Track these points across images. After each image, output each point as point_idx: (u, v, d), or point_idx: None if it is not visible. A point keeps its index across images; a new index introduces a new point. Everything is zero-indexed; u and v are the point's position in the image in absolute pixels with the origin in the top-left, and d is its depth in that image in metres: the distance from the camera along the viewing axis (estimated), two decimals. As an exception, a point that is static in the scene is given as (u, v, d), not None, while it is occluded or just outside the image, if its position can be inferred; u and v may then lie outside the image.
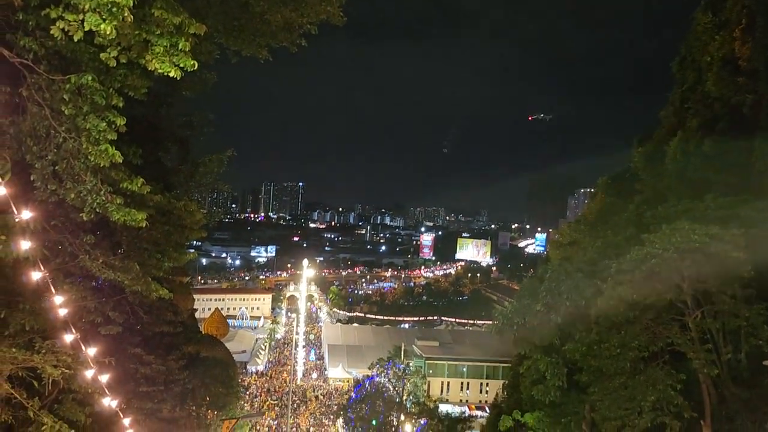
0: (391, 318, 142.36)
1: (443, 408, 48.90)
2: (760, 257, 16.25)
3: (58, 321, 11.33)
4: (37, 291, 11.20)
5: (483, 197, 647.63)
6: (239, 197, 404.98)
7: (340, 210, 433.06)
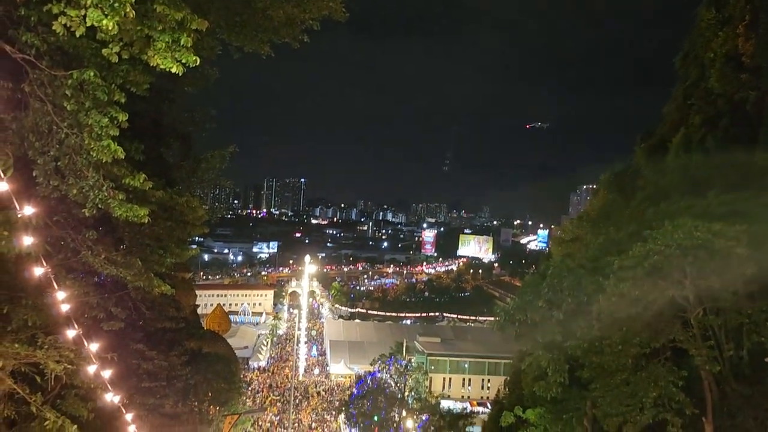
0: (393, 314, 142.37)
1: (445, 404, 48.99)
2: (763, 254, 16.14)
3: (60, 317, 11.33)
4: (40, 287, 11.22)
5: (485, 194, 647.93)
6: (241, 193, 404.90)
7: (342, 206, 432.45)
